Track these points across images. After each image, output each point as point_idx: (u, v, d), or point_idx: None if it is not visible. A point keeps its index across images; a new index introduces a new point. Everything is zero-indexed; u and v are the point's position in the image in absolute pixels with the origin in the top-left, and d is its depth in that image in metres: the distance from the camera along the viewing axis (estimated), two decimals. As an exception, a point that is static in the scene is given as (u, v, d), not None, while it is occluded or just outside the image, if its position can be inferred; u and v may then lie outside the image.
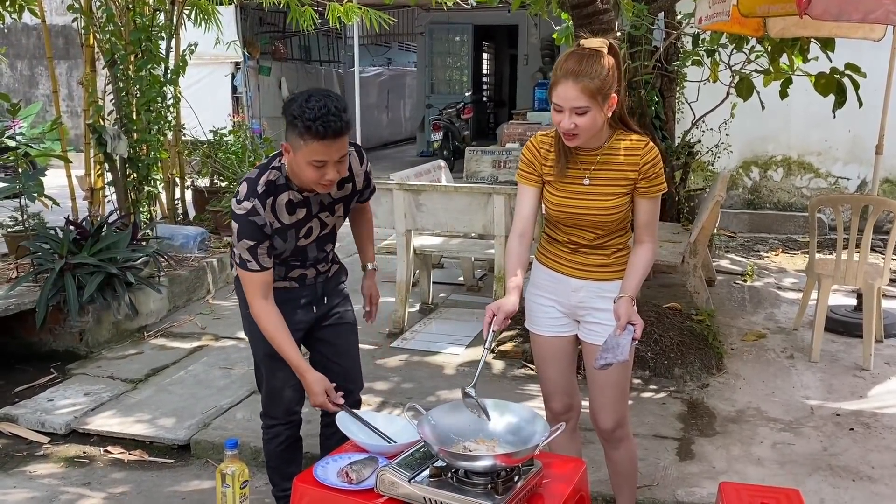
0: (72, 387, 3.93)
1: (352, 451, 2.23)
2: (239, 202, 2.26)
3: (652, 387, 3.84)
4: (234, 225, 2.28)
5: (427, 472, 1.95)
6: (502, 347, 4.20)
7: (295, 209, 2.34)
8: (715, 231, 6.17)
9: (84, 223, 4.69)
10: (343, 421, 2.31)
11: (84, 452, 3.40)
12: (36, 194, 4.44)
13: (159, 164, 5.60)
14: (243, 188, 2.28)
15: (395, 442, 2.21)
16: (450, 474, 1.94)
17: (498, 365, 4.11)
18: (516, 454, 1.92)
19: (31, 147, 8.31)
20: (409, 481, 1.92)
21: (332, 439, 2.56)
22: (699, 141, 6.23)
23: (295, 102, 2.19)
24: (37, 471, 3.23)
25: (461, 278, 5.58)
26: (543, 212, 2.46)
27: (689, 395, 3.76)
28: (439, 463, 1.96)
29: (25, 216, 4.84)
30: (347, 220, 2.63)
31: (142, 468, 3.27)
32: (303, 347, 2.56)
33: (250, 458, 3.28)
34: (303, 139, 2.16)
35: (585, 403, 2.62)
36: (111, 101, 5.33)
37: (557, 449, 2.62)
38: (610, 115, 2.24)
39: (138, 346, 4.52)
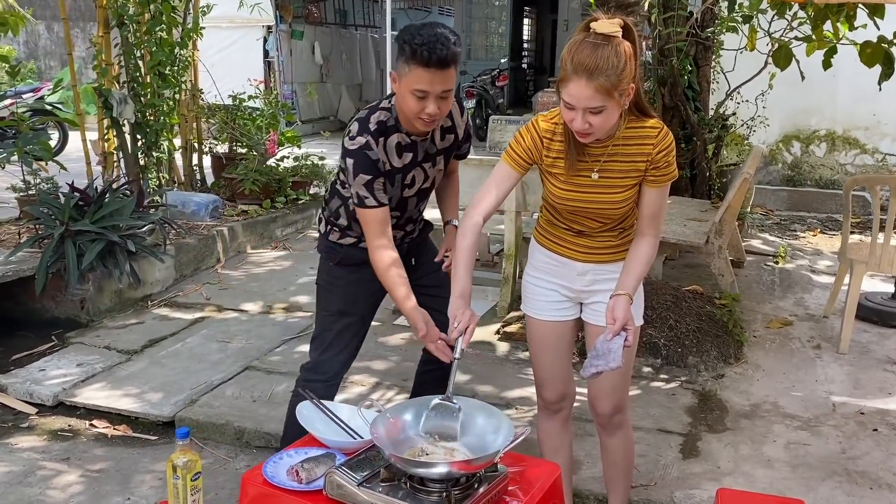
0: (66, 356, 3.87)
1: (312, 445, 2.08)
2: (352, 138, 2.25)
3: (662, 376, 3.62)
4: (349, 161, 2.25)
5: (380, 476, 1.79)
6: (507, 329, 4.02)
7: (403, 152, 2.31)
8: (748, 209, 5.86)
9: (88, 189, 4.60)
10: (304, 411, 2.16)
11: (69, 426, 3.32)
12: (37, 157, 4.33)
13: (170, 130, 5.47)
14: (355, 127, 2.27)
15: (359, 437, 2.05)
16: (404, 479, 1.78)
17: (502, 347, 3.93)
18: (475, 461, 1.75)
19: (59, 109, 8.34)
20: (358, 486, 1.76)
21: (428, 377, 2.57)
22: (734, 113, 5.90)
23: (409, 28, 2.18)
24: (19, 443, 3.17)
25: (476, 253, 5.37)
26: (542, 196, 2.26)
27: (701, 386, 3.53)
28: (393, 466, 1.80)
29: (37, 180, 4.78)
30: None
31: (124, 444, 3.18)
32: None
33: (234, 439, 3.17)
34: (408, 65, 2.13)
35: (580, 392, 2.42)
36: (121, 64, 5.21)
37: (548, 440, 2.46)
38: (626, 106, 2.02)
39: (140, 316, 4.44)
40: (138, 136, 5.27)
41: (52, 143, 8.96)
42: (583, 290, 2.27)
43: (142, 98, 5.17)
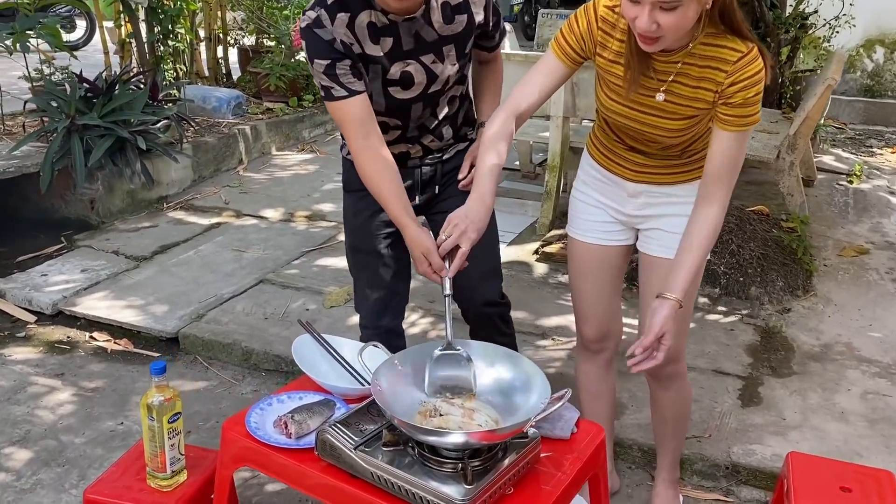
0: (71, 261, 3.61)
1: (307, 388, 1.76)
2: (304, 13, 1.78)
3: (721, 308, 3.22)
4: (304, 45, 1.78)
5: (382, 438, 1.46)
6: (547, 249, 3.63)
7: (379, 36, 1.77)
8: (821, 121, 5.27)
9: (97, 80, 4.24)
10: (300, 347, 1.82)
11: (68, 337, 3.08)
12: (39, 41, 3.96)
13: (188, 17, 5.04)
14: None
15: (366, 383, 1.72)
16: (411, 443, 1.45)
17: (540, 269, 3.55)
18: (500, 430, 1.40)
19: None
20: (355, 449, 1.44)
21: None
22: (815, 11, 5.22)
23: None
24: (13, 355, 2.94)
25: (517, 163, 4.94)
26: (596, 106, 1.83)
27: (764, 321, 3.13)
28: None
29: (51, 70, 4.43)
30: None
31: (124, 360, 2.93)
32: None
33: (241, 360, 2.90)
34: None
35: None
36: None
37: (587, 385, 2.12)
38: (709, 6, 1.52)
39: (154, 219, 4.15)
40: (153, 23, 4.84)
41: (78, 32, 8.64)
42: (635, 215, 1.89)
43: (157, -20, 4.72)
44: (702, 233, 1.67)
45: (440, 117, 1.95)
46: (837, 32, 5.47)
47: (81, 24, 8.68)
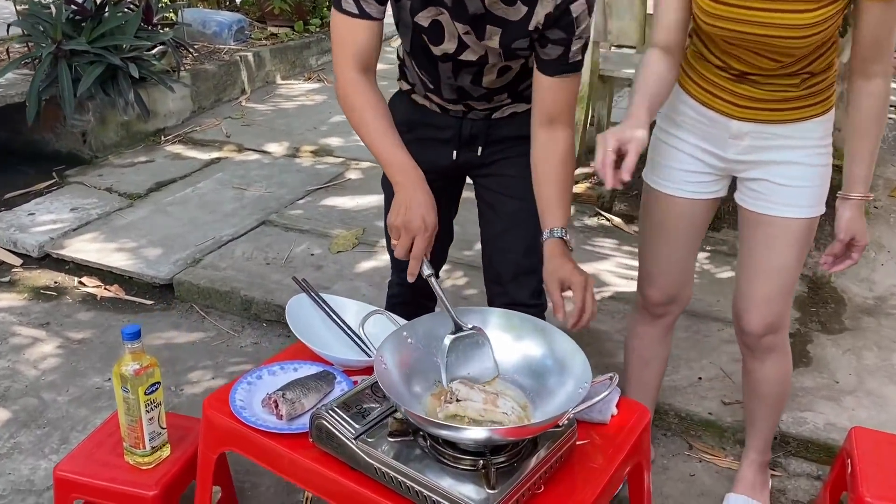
0: (60, 199, 3.36)
1: (303, 358, 1.52)
2: None
3: (763, 255, 2.95)
4: None
5: (388, 427, 1.23)
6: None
7: None
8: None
9: (85, 1, 3.91)
10: (296, 308, 1.58)
11: (55, 283, 2.86)
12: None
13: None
14: None
15: (372, 351, 1.47)
16: (422, 433, 1.21)
17: (565, 210, 3.27)
18: (529, 425, 1.16)
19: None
20: (356, 438, 1.20)
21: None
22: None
23: None
24: (-5, 302, 2.73)
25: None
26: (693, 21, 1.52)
27: (811, 269, 2.86)
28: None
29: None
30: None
31: (114, 309, 2.71)
32: None
33: (240, 309, 2.68)
34: None
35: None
36: None
37: (640, 349, 1.89)
38: None
39: (151, 153, 3.88)
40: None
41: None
42: (737, 160, 1.58)
43: None
44: (871, 111, 1.43)
45: (484, 85, 1.56)
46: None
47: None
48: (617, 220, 3.18)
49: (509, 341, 1.32)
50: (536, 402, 1.24)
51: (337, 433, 1.21)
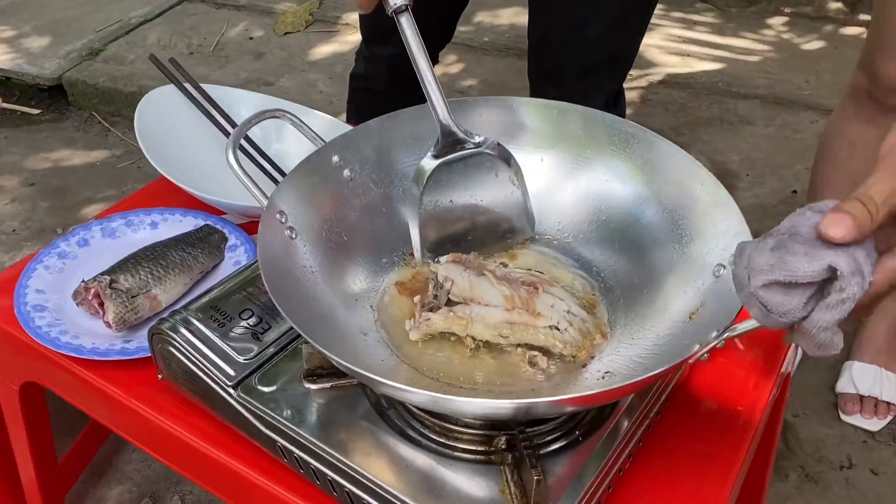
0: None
1: (173, 204, 0.85)
2: None
3: (862, 17, 2.19)
4: None
5: (303, 358, 0.58)
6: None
7: None
8: None
9: None
10: (150, 113, 0.89)
11: (-90, 89, 2.14)
12: None
13: None
14: None
15: (261, 199, 0.78)
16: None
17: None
18: (623, 388, 0.51)
19: None
20: (236, 385, 0.56)
21: None
22: None
23: None
24: None
25: None
26: None
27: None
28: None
29: None
30: None
31: (-12, 122, 2.02)
32: None
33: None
34: None
35: None
36: None
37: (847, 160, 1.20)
38: None
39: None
40: None
41: None
42: None
43: None
44: None
45: None
46: None
47: None
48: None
49: (561, 168, 0.63)
50: (623, 299, 0.58)
51: (200, 372, 0.57)
